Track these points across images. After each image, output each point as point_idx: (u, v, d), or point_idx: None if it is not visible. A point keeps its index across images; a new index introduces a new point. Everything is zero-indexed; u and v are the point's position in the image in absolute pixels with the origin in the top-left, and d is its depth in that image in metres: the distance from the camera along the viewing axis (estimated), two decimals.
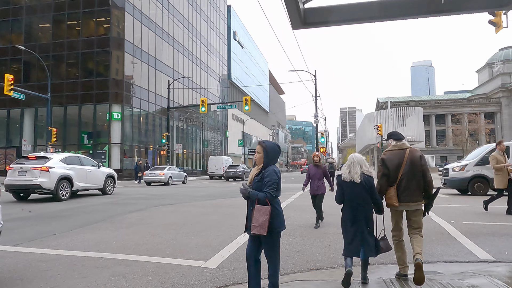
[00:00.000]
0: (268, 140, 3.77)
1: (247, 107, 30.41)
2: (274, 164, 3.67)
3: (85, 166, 14.91)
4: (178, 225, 8.04)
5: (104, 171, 16.20)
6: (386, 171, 4.34)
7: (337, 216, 9.29)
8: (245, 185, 3.66)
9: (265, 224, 3.40)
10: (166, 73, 41.36)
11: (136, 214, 9.83)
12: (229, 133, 69.16)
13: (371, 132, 35.09)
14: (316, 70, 30.70)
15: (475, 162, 15.44)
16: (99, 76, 33.98)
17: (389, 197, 4.31)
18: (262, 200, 3.45)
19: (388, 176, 4.34)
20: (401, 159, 4.31)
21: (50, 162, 13.11)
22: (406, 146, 4.40)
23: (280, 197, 3.66)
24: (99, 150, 32.98)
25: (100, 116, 33.80)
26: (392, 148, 4.48)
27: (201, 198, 14.94)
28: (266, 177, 3.50)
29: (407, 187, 4.25)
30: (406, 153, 4.33)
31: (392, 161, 4.35)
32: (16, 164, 13.40)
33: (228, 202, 12.96)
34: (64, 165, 13.62)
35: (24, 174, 12.80)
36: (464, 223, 8.20)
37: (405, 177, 4.26)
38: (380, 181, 4.39)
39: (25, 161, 13.47)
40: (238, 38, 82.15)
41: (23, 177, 12.80)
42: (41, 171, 12.65)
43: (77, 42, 34.27)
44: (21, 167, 12.94)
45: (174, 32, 44.27)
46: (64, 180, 13.36)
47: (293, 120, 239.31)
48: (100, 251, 5.72)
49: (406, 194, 4.25)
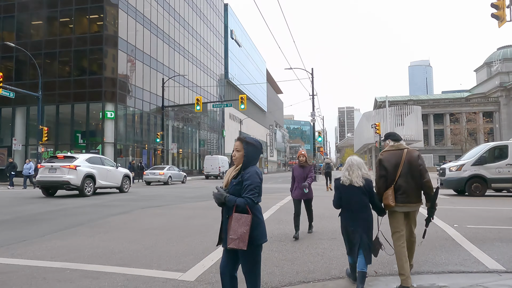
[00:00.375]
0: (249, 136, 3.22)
1: (243, 105, 29.92)
2: (255, 164, 3.13)
3: (105, 166, 16.31)
4: (162, 230, 7.48)
5: (121, 171, 17.45)
6: (384, 172, 4.24)
7: (334, 220, 8.79)
8: (220, 188, 3.09)
9: (245, 236, 2.86)
10: (161, 71, 40.76)
11: (119, 218, 9.26)
12: (226, 133, 68.56)
13: (369, 132, 34.57)
14: (313, 68, 30.22)
15: (472, 161, 14.96)
16: (92, 74, 33.35)
17: (386, 197, 4.16)
18: (241, 207, 2.90)
19: (386, 177, 4.22)
20: (399, 159, 4.22)
21: (77, 161, 14.60)
22: (403, 147, 4.32)
23: (272, 198, 3.08)
24: (92, 150, 32.33)
25: (94, 115, 33.17)
26: (389, 149, 4.38)
27: (193, 199, 14.38)
28: (247, 179, 2.95)
29: (405, 187, 4.14)
30: (404, 153, 4.24)
31: (390, 161, 4.24)
32: (47, 163, 14.94)
33: None
34: (88, 164, 15.04)
35: (54, 171, 14.31)
36: (468, 227, 7.68)
37: (403, 177, 4.16)
38: (378, 183, 4.28)
39: (55, 160, 15.00)
40: (236, 37, 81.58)
41: (53, 174, 14.30)
42: (69, 169, 14.12)
43: (70, 40, 33.62)
44: (52, 166, 14.42)
45: (169, 30, 43.66)
46: (89, 177, 14.78)
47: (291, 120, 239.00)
48: (68, 260, 5.15)
49: (404, 195, 4.13)
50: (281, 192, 17.15)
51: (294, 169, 7.09)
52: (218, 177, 40.30)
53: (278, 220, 8.52)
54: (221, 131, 64.37)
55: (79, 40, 33.45)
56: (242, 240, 2.84)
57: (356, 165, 4.03)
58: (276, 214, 9.36)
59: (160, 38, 41.27)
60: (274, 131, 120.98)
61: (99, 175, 15.43)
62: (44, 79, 32.00)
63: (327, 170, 20.14)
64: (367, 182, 4.01)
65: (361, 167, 4.04)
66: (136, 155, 36.76)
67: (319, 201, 12.39)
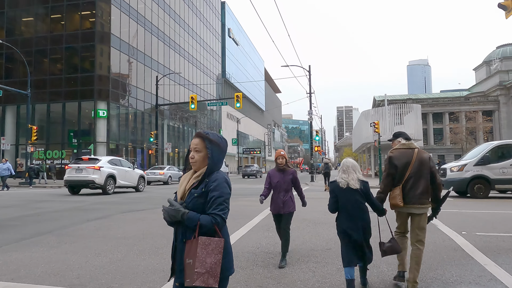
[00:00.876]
0: (212, 132, 2.42)
1: (239, 104, 29.13)
2: (219, 169, 2.36)
3: (124, 167, 17.59)
4: (136, 239, 6.70)
5: (137, 172, 18.73)
6: (393, 170, 4.11)
7: (330, 227, 8.05)
8: (174, 201, 2.31)
9: (216, 269, 2.09)
10: (156, 69, 39.92)
11: (94, 224, 8.48)
12: (224, 132, 67.75)
13: (368, 130, 33.78)
14: (310, 66, 29.43)
15: (475, 161, 14.20)
16: (84, 71, 32.54)
17: (393, 197, 4.05)
18: (207, 228, 2.14)
19: (394, 175, 4.11)
20: (410, 158, 4.08)
21: (100, 163, 15.92)
22: (414, 146, 4.21)
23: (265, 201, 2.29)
24: (83, 149, 31.54)
25: (85, 113, 32.35)
26: (400, 147, 4.22)
27: None
28: (214, 190, 2.20)
29: (414, 188, 4.01)
30: (415, 153, 4.11)
31: (400, 160, 4.10)
32: (74, 164, 16.39)
33: None
34: (110, 166, 16.33)
35: (81, 172, 15.70)
36: (478, 235, 6.93)
37: (413, 177, 4.03)
38: (385, 181, 4.17)
39: (80, 162, 16.38)
40: (233, 35, 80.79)
41: (79, 174, 15.68)
42: (94, 169, 15.47)
43: (61, 37, 32.80)
44: (78, 167, 15.83)
45: (164, 27, 42.82)
46: (111, 177, 16.13)
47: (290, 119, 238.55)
48: (14, 279, 4.38)
49: (412, 195, 4.01)
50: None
51: (272, 175, 5.51)
52: None
53: (268, 226, 7.76)
54: (218, 130, 63.50)
55: (71, 37, 32.62)
56: (212, 275, 2.07)
57: (351, 168, 3.90)
58: (266, 220, 8.59)
59: (154, 35, 40.44)
60: (272, 130, 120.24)
61: (119, 175, 16.78)
62: (34, 77, 31.22)
63: (326, 170, 19.76)
64: (364, 184, 3.89)
65: (356, 169, 3.92)
66: (130, 155, 35.96)
67: (315, 204, 11.66)
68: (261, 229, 7.53)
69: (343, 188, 3.83)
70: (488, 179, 13.78)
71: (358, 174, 3.90)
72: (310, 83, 28.50)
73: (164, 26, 42.80)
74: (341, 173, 3.93)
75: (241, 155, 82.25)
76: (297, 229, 7.49)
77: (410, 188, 4.00)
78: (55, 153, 32.06)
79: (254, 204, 11.51)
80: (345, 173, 3.89)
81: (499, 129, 69.15)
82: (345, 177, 3.86)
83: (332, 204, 3.97)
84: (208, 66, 58.96)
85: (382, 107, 32.23)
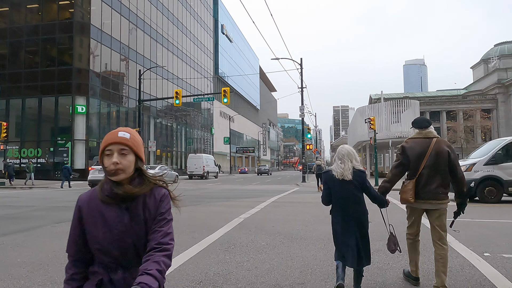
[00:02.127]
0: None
1: (226, 99, 27.28)
2: None
3: None
4: (34, 266, 4.85)
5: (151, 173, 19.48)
6: (405, 160, 3.73)
7: (310, 243, 6.27)
8: None
9: None
10: (142, 64, 37.85)
11: (9, 239, 6.61)
12: (216, 131, 65.92)
13: (363, 128, 32.05)
14: (302, 59, 27.62)
15: (485, 160, 12.34)
16: (61, 65, 30.57)
17: (405, 191, 3.70)
18: None
19: (405, 166, 3.76)
20: (425, 149, 3.64)
21: None
22: (432, 135, 3.72)
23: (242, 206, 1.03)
24: (60, 147, 29.58)
25: (63, 109, 30.36)
26: (416, 136, 3.78)
27: None
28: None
29: (429, 182, 3.63)
30: (432, 142, 3.66)
31: (414, 150, 3.68)
32: (96, 166, 18.36)
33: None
34: None
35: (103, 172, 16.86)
36: (505, 257, 5.14)
37: (427, 170, 3.63)
38: (394, 170, 3.83)
39: None
40: (226, 32, 78.96)
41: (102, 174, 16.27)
42: None
43: (38, 27, 30.79)
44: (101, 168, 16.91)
45: (151, 21, 40.83)
46: None
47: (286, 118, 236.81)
48: None
49: (427, 190, 3.63)
50: (260, 196, 14.57)
51: None
52: (203, 177, 37.71)
53: (228, 244, 5.95)
54: (209, 129, 61.59)
55: (48, 28, 30.63)
56: None
57: (347, 156, 3.52)
58: (231, 234, 6.78)
59: (140, 28, 38.46)
60: (267, 129, 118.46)
61: None
62: (9, 70, 29.28)
63: (318, 171, 19.33)
64: (359, 174, 3.51)
65: (352, 158, 3.53)
66: None
67: (300, 210, 9.91)
68: (217, 249, 5.69)
69: (339, 179, 3.46)
70: (501, 180, 12.00)
71: (355, 163, 3.52)
72: (302, 77, 26.71)
73: (151, 19, 40.83)
74: (337, 162, 3.54)
75: (234, 155, 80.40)
76: (267, 248, 5.68)
77: (425, 182, 3.65)
78: (31, 152, 30.09)
79: (228, 211, 9.72)
80: (341, 162, 3.51)
81: (498, 128, 67.89)
82: (341, 167, 3.48)
83: (325, 196, 3.66)
84: (199, 62, 57.05)
85: (378, 103, 30.53)
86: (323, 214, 8.79)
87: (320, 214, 8.91)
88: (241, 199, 13.42)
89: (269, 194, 15.82)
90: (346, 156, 3.51)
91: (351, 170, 3.47)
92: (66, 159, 29.30)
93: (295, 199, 13.23)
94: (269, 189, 20.60)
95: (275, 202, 11.94)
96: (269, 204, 11.21)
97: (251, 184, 27.45)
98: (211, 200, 12.89)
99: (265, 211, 9.75)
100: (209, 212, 9.53)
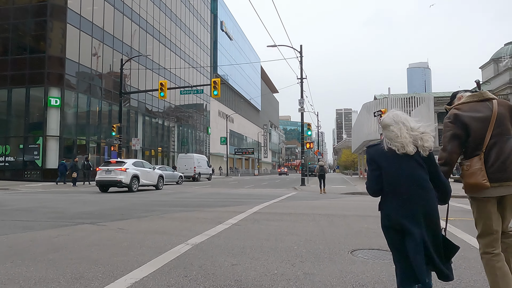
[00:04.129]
0: None
1: (216, 91, 24.11)
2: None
3: (145, 168, 19.58)
4: None
5: (157, 172, 20.64)
6: (460, 131, 2.67)
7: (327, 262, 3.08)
8: None
9: None
10: (129, 55, 34.67)
11: None
12: (214, 131, 62.72)
13: (370, 125, 28.72)
14: (302, 45, 24.40)
15: None
16: (33, 52, 27.43)
17: (473, 173, 2.62)
18: None
19: (461, 139, 2.68)
20: (488, 113, 2.69)
21: (126, 165, 17.93)
22: (489, 96, 2.77)
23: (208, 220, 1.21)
24: (31, 144, 26.41)
25: (35, 102, 27.21)
26: (469, 100, 2.79)
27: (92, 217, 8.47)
28: None
29: (501, 157, 2.60)
30: (494, 104, 2.71)
31: (473, 115, 2.69)
32: (103, 167, 18.26)
33: (92, 233, 6.57)
34: (134, 167, 18.35)
35: (110, 173, 17.63)
36: None
37: (496, 141, 2.62)
38: (449, 145, 2.70)
39: (109, 164, 18.35)
40: (226, 29, 76.03)
41: (109, 175, 17.62)
42: (121, 171, 17.43)
43: (7, 11, 27.70)
44: (107, 168, 17.79)
45: (140, 7, 37.72)
46: (135, 177, 18.06)
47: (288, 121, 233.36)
48: None
49: (500, 168, 2.58)
50: (243, 204, 11.28)
51: None
52: (194, 179, 34.46)
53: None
54: (206, 128, 58.37)
55: (19, 11, 27.54)
56: None
57: (402, 122, 2.45)
58: (150, 284, 3.53)
59: (127, 17, 35.36)
60: (269, 131, 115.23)
61: (142, 175, 18.74)
62: None
63: (321, 172, 18.09)
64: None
65: (411, 123, 2.46)
66: (95, 153, 30.89)
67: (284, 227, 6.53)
68: None
69: (396, 154, 2.39)
70: None
71: (416, 133, 2.42)
72: (302, 66, 23.47)
73: (140, 6, 37.72)
74: (392, 130, 2.43)
75: (233, 156, 77.16)
76: None
77: (494, 158, 2.60)
78: None
79: (179, 229, 6.46)
80: (398, 129, 2.40)
81: None
82: (398, 136, 2.38)
83: (373, 180, 2.51)
84: (196, 58, 53.90)
85: (386, 98, 27.20)
86: (323, 238, 5.52)
87: (318, 236, 5.67)
88: (216, 207, 10.14)
89: (257, 200, 12.54)
90: (402, 123, 2.41)
91: (411, 141, 2.39)
92: (37, 157, 26.15)
93: (286, 208, 9.93)
94: (261, 193, 17.31)
95: (258, 213, 8.65)
96: (247, 218, 7.90)
97: (244, 187, 24.17)
98: (171, 210, 9.62)
99: (235, 230, 6.44)
100: (146, 232, 6.24)
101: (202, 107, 57.73)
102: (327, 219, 7.71)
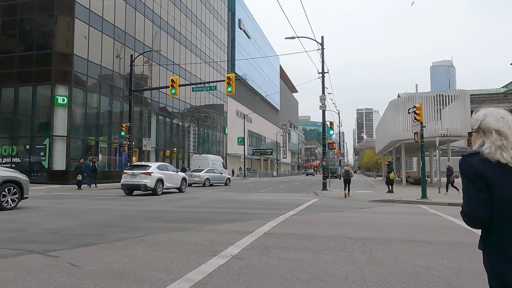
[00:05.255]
0: None
1: (230, 88, 22.30)
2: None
3: (169, 171, 19.79)
4: None
5: (180, 175, 20.88)
6: None
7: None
8: None
9: None
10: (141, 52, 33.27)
11: None
12: (232, 131, 61.08)
13: (399, 124, 26.29)
14: (323, 37, 22.28)
15: None
16: (40, 49, 26.26)
17: None
18: None
19: None
20: None
21: (151, 169, 18.29)
22: None
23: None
24: (37, 145, 25.22)
25: (42, 100, 26.05)
26: None
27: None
28: None
29: None
30: None
31: None
32: (128, 171, 18.51)
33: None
34: (158, 171, 18.67)
35: (135, 177, 18.00)
36: None
37: None
38: None
39: (134, 168, 18.66)
40: (244, 27, 74.27)
41: (134, 179, 18.02)
42: (146, 174, 17.91)
43: (14, 6, 26.66)
44: (133, 172, 18.15)
45: (154, 4, 36.33)
46: (159, 181, 18.45)
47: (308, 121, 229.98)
48: None
49: None
50: (253, 218, 9.33)
51: None
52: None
53: None
54: (223, 128, 56.72)
55: (26, 7, 26.44)
56: None
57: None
58: None
59: (140, 12, 33.98)
60: (288, 131, 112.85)
61: (166, 179, 18.92)
62: None
63: (346, 176, 17.51)
64: None
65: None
66: (105, 153, 29.59)
67: (318, 261, 4.46)
68: None
69: (510, 168, 1.61)
70: None
71: None
72: (323, 59, 21.33)
73: (154, 1, 36.33)
74: (497, 137, 1.70)
75: (251, 157, 75.32)
76: None
77: None
78: (5, 150, 25.91)
79: (142, 277, 4.55)
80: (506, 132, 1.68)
81: None
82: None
83: (476, 203, 1.63)
84: (212, 56, 52.32)
85: (415, 94, 24.74)
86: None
87: (355, 285, 3.69)
88: (217, 224, 8.20)
89: (271, 212, 10.57)
90: None
91: None
92: (44, 158, 24.95)
93: (306, 227, 7.90)
94: (277, 200, 15.32)
95: (269, 235, 6.66)
96: (253, 244, 5.91)
97: (260, 191, 22.23)
98: (161, 227, 7.73)
99: (232, 270, 4.45)
100: (102, 273, 4.30)
101: (220, 107, 56.13)
102: (363, 249, 5.69)
